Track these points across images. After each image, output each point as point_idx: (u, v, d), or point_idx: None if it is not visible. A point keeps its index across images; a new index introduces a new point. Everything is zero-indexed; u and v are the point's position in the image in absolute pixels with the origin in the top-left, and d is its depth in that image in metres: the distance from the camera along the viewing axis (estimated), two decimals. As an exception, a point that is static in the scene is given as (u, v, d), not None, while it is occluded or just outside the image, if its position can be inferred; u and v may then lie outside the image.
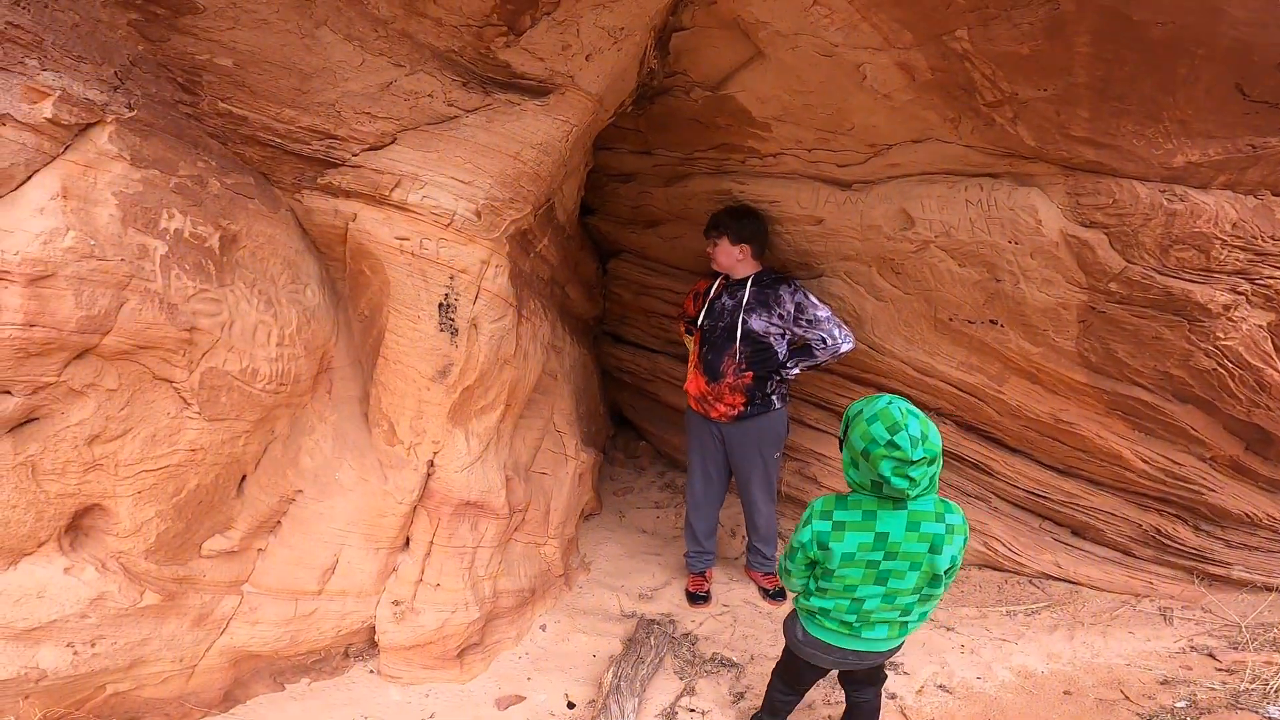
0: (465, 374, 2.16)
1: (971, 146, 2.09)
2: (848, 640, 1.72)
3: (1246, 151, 1.75)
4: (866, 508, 1.60)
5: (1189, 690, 2.17)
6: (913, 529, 1.58)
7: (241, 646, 2.11)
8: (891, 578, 1.62)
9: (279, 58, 1.87)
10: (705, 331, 2.59)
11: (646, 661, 2.49)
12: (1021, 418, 2.49)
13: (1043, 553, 2.69)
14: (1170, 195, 1.86)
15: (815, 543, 1.64)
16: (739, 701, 2.35)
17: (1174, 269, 1.94)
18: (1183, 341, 2.05)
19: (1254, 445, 2.32)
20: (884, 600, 1.65)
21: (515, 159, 2.12)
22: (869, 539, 1.60)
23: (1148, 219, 1.90)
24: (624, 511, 3.49)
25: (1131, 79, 1.71)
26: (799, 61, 2.08)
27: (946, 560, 1.59)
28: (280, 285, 1.93)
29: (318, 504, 2.13)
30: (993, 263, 2.19)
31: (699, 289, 2.73)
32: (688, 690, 2.41)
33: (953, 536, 1.60)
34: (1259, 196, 1.85)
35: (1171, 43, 1.61)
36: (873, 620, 1.67)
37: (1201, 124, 1.74)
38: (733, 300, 2.56)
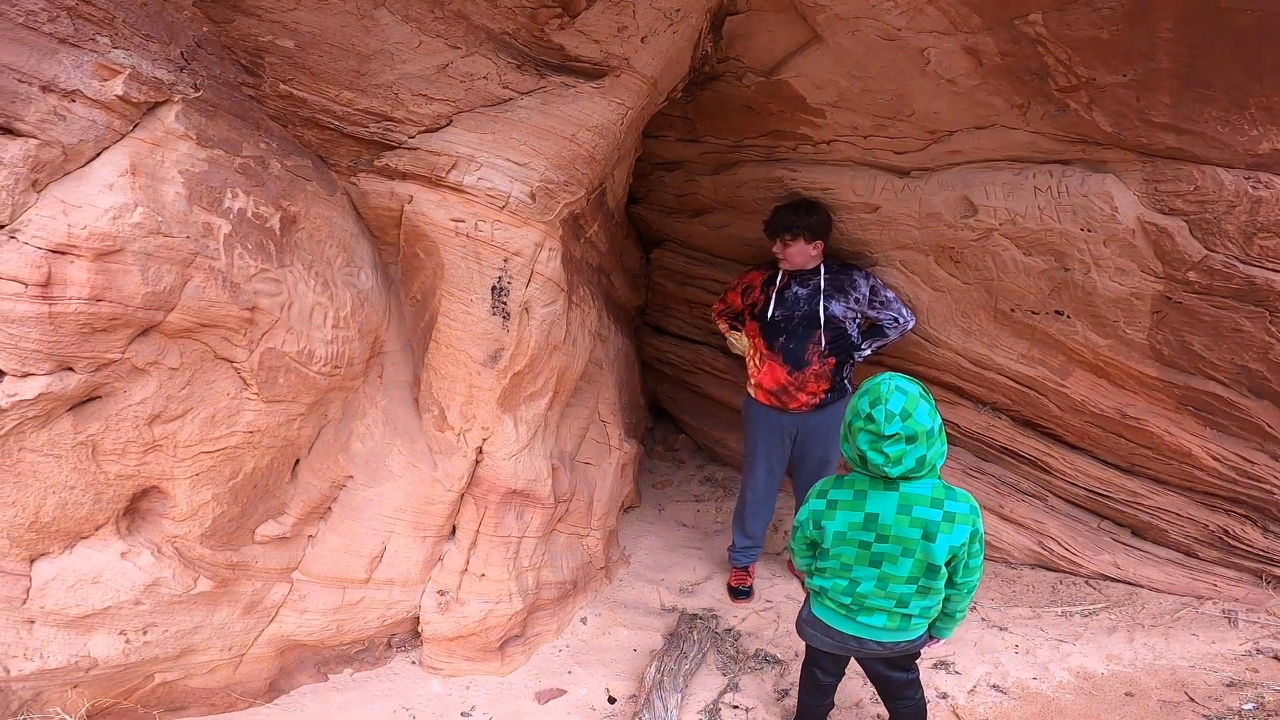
0: (516, 359, 2.14)
1: (1040, 133, 2.04)
2: (845, 623, 1.71)
3: (1339, 136, 1.70)
4: (858, 487, 1.62)
5: (1256, 693, 2.10)
6: (904, 512, 1.57)
7: (289, 635, 2.09)
8: (885, 561, 1.61)
9: (338, 39, 1.85)
10: (778, 322, 2.53)
11: (689, 657, 2.45)
12: (1085, 413, 2.42)
13: (1101, 553, 2.62)
14: (1255, 182, 1.80)
15: (811, 521, 1.69)
16: (783, 699, 2.31)
17: (1257, 258, 1.88)
18: (1263, 333, 1.99)
19: (1333, 443, 2.25)
20: (878, 585, 1.64)
21: (570, 141, 2.08)
22: (858, 519, 1.61)
23: (1231, 206, 1.84)
24: (663, 505, 3.45)
25: (1217, 66, 1.66)
26: (858, 46, 2.04)
27: (943, 551, 1.55)
28: (336, 268, 1.91)
29: (368, 490, 2.10)
30: (1062, 251, 2.13)
31: (750, 281, 2.66)
32: (731, 687, 2.37)
33: (952, 526, 1.55)
34: (1352, 183, 1.79)
35: (1259, 29, 1.57)
36: (868, 605, 1.66)
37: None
38: (806, 289, 2.52)
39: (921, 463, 1.53)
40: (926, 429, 1.50)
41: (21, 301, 1.39)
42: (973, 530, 1.58)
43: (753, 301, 2.61)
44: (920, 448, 1.50)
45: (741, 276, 2.72)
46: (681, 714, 2.25)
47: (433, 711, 2.26)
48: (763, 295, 2.57)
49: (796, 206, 2.49)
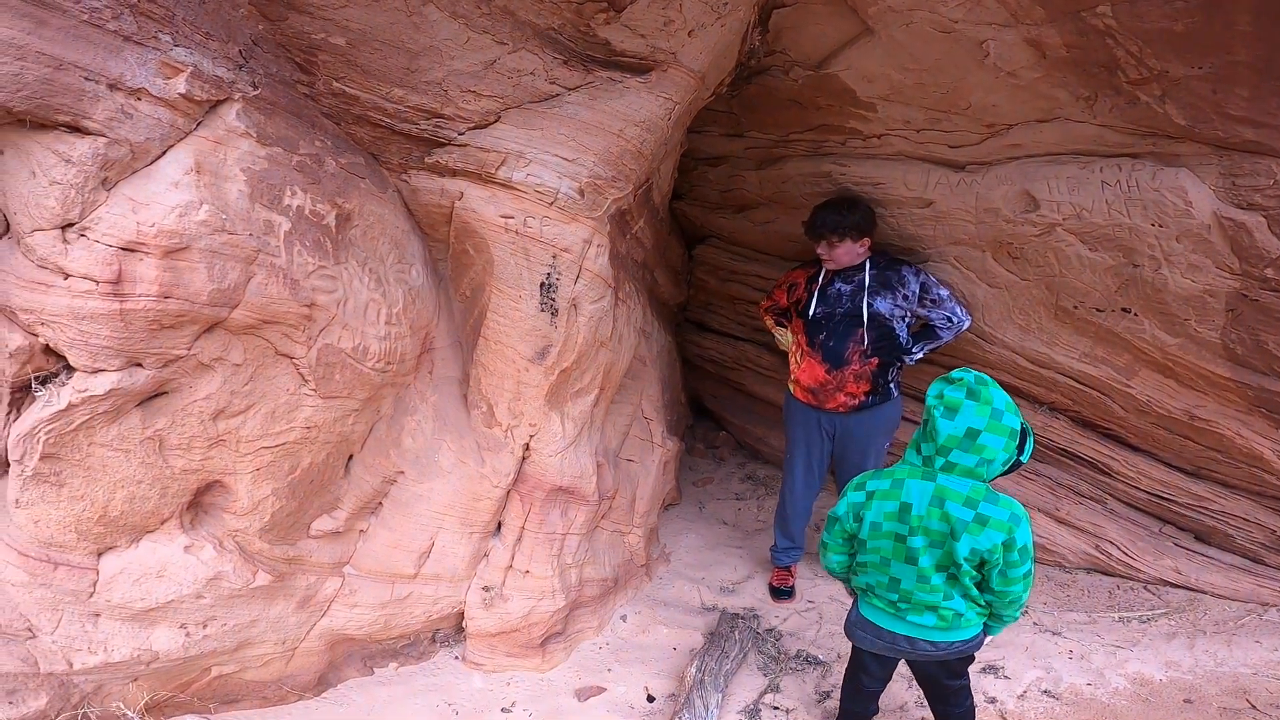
0: (564, 355, 2.13)
1: (1108, 126, 1.96)
2: (894, 622, 1.70)
3: None
4: (897, 476, 1.63)
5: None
6: (936, 504, 1.57)
7: (339, 629, 2.11)
8: (920, 555, 1.60)
9: (388, 36, 1.85)
10: (820, 320, 2.49)
11: (730, 656, 2.43)
12: (1150, 414, 2.34)
13: (1162, 558, 2.54)
14: (1342, 174, 1.73)
15: (851, 514, 1.69)
16: (824, 701, 2.28)
17: (1344, 254, 1.80)
18: (1346, 333, 1.91)
19: None
20: (919, 581, 1.63)
21: (618, 137, 2.06)
22: (894, 508, 1.61)
23: (1316, 200, 1.77)
24: (704, 502, 3.43)
25: (1297, 58, 1.59)
26: (912, 39, 1.98)
27: (965, 549, 1.54)
28: (388, 264, 1.92)
29: (417, 485, 2.11)
30: (1130, 247, 2.06)
31: (795, 279, 2.62)
32: (771, 687, 2.35)
33: (982, 529, 1.53)
34: None
35: None
36: (914, 601, 1.65)
37: (1379, 99, 1.61)
38: (850, 285, 2.46)
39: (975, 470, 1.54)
40: (987, 427, 1.51)
41: (93, 299, 1.41)
42: (1007, 539, 1.52)
43: (797, 299, 2.57)
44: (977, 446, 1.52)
45: (787, 274, 2.68)
46: (722, 714, 2.23)
47: (474, 707, 2.27)
48: (806, 292, 2.53)
49: (838, 204, 2.42)
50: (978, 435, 1.50)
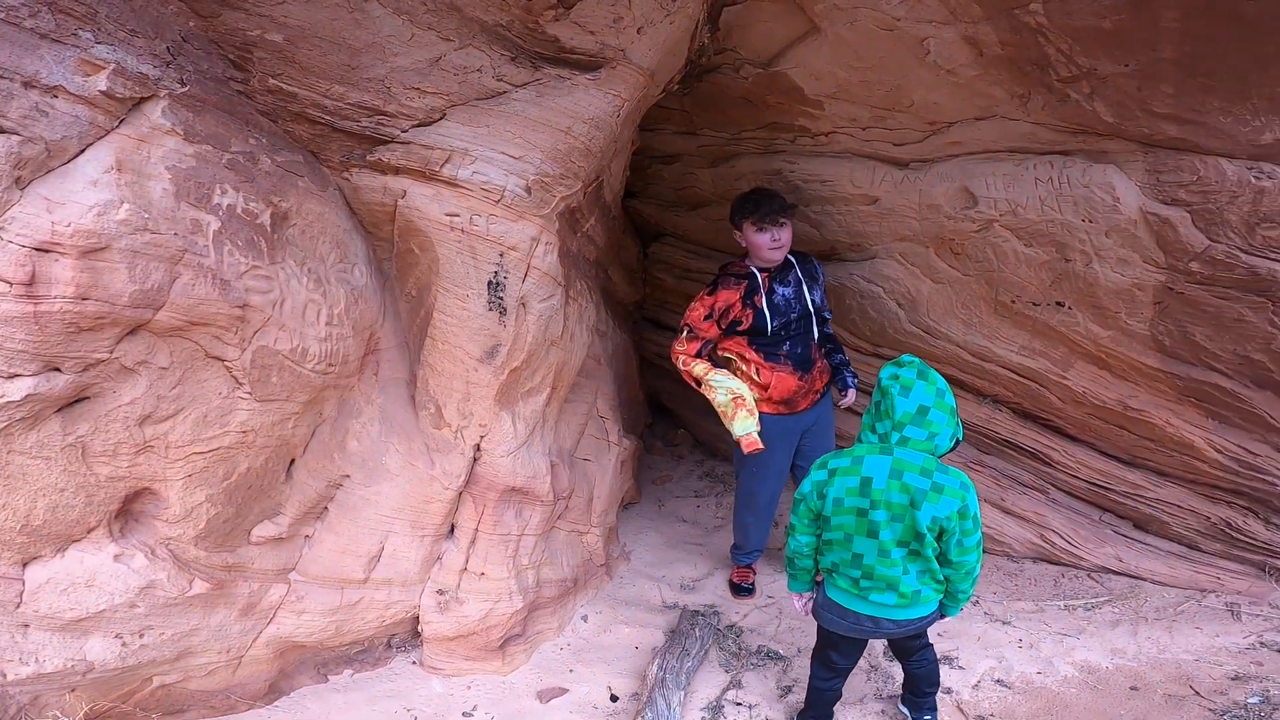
0: (513, 355, 2.12)
1: (1041, 123, 2.01)
2: (858, 603, 1.77)
3: (1343, 125, 1.68)
4: (856, 454, 1.71)
5: (1262, 686, 2.10)
6: (895, 476, 1.65)
7: (287, 637, 2.07)
8: (881, 529, 1.67)
9: (328, 33, 1.82)
10: (779, 330, 2.36)
11: (692, 654, 2.44)
12: (1086, 405, 2.41)
13: (1103, 546, 2.62)
14: (1258, 172, 1.79)
15: (815, 492, 1.75)
16: (786, 695, 2.30)
17: (1260, 248, 1.87)
18: (1266, 324, 1.98)
19: (1336, 434, 2.24)
20: (880, 555, 1.70)
21: (566, 134, 2.06)
22: (855, 483, 1.68)
23: (1234, 196, 1.83)
24: (663, 500, 3.44)
25: (1220, 55, 1.65)
26: (857, 36, 2.01)
27: (927, 519, 1.63)
28: (329, 264, 1.89)
29: (365, 489, 2.08)
30: (1063, 242, 2.11)
31: (726, 302, 2.34)
32: (734, 683, 2.36)
33: (939, 497, 1.63)
34: (1356, 172, 1.78)
35: (1264, 19, 1.55)
36: (876, 577, 1.71)
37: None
38: (789, 286, 2.40)
39: (929, 441, 1.65)
40: (932, 404, 1.63)
41: (5, 301, 1.37)
42: (961, 506, 1.63)
43: (734, 320, 2.36)
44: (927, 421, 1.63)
45: (704, 304, 2.36)
46: (684, 711, 2.24)
47: (434, 712, 2.25)
48: (749, 309, 2.33)
49: (764, 191, 2.36)
50: (928, 412, 1.62)
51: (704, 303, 2.38)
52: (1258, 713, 1.98)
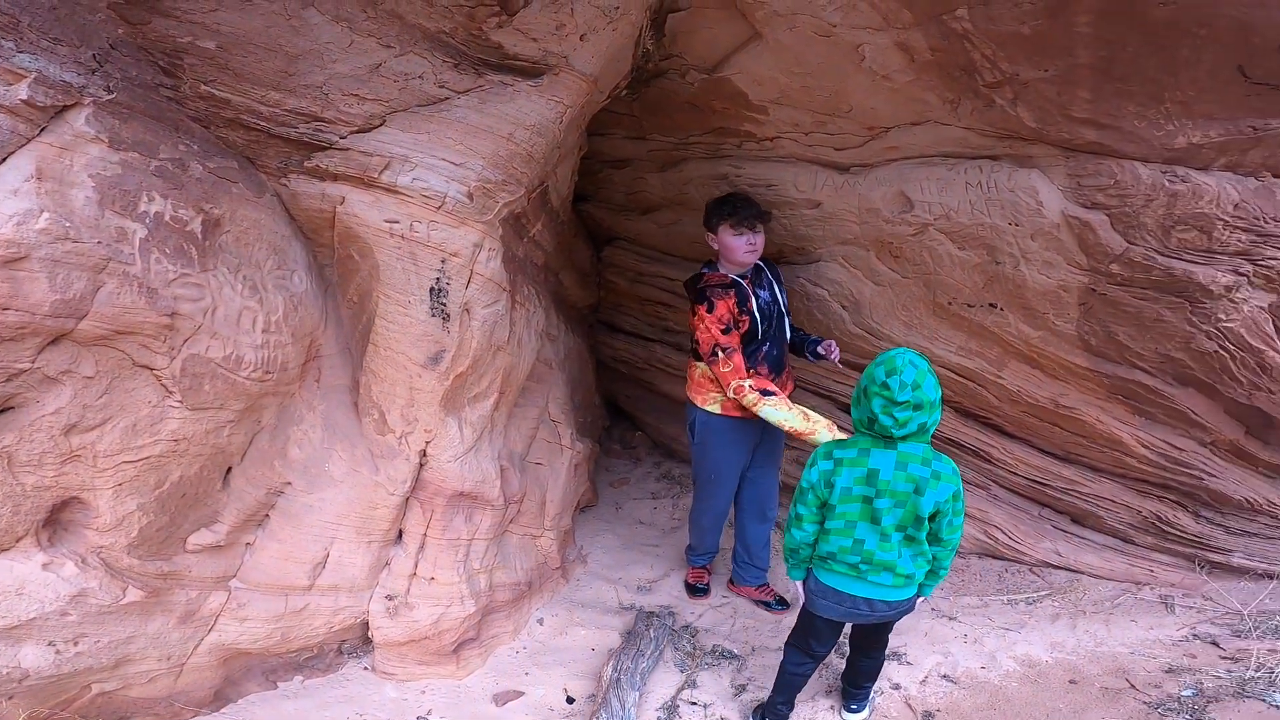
0: (458, 360, 2.12)
1: (971, 128, 2.06)
2: (856, 585, 1.83)
3: (1248, 133, 1.73)
4: (862, 446, 1.77)
5: (1195, 679, 2.15)
6: (900, 469, 1.74)
7: (231, 644, 2.06)
8: (883, 516, 1.76)
9: (264, 40, 1.82)
10: (765, 334, 2.38)
11: (646, 654, 2.46)
12: (1021, 403, 2.47)
13: (1043, 540, 2.67)
14: (1172, 176, 1.84)
15: (823, 481, 1.79)
16: (740, 694, 2.33)
17: (1176, 250, 1.93)
18: (1184, 324, 2.04)
19: (1255, 430, 2.30)
20: (881, 540, 1.78)
21: (508, 140, 2.07)
22: (862, 474, 1.76)
23: (1149, 200, 1.88)
24: (620, 503, 3.46)
25: (1134, 60, 1.69)
26: (796, 42, 2.05)
27: (929, 504, 1.73)
28: (266, 271, 1.88)
29: (307, 496, 2.08)
30: (993, 245, 2.16)
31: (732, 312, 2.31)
32: (689, 683, 2.38)
33: (938, 483, 1.73)
34: (1260, 178, 1.84)
35: (1174, 23, 1.59)
36: (875, 562, 1.79)
37: (1203, 105, 1.72)
38: (766, 290, 2.41)
39: (923, 428, 1.72)
40: (931, 400, 1.69)
41: (-78, 311, 1.36)
42: (955, 490, 1.75)
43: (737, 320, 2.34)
44: (924, 415, 1.69)
45: (714, 321, 2.29)
46: (640, 712, 2.26)
47: (387, 717, 2.25)
48: (746, 315, 2.34)
49: (739, 196, 2.40)
50: (924, 404, 1.69)
51: (712, 320, 2.30)
52: (1191, 705, 2.03)
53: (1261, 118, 1.71)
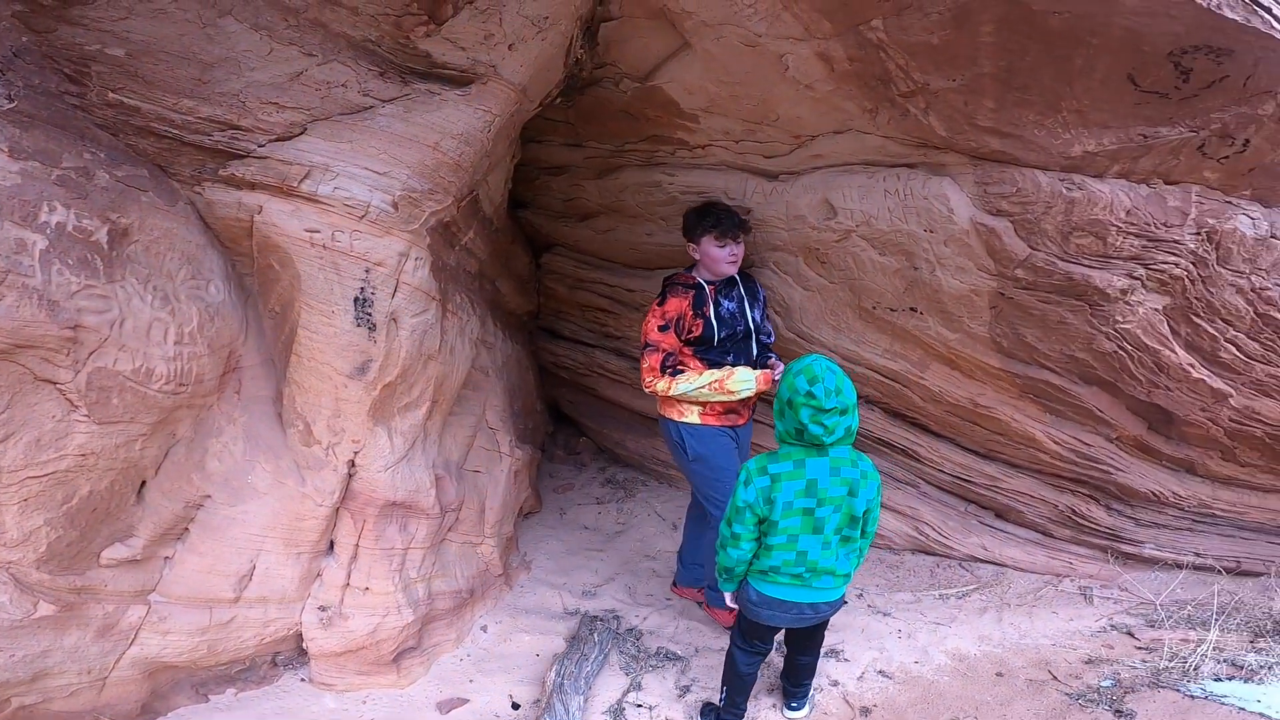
0: (385, 370, 2.12)
1: (889, 137, 2.12)
2: (801, 592, 1.85)
3: (1138, 141, 1.81)
4: (795, 458, 1.77)
5: (1113, 669, 2.23)
6: (834, 474, 1.77)
7: (154, 658, 2.03)
8: (826, 524, 1.79)
9: (177, 48, 1.80)
10: (725, 341, 2.34)
11: (591, 658, 2.47)
12: (943, 403, 2.54)
13: (970, 535, 2.75)
14: (1069, 184, 1.91)
15: (762, 499, 1.78)
16: (685, 695, 2.35)
17: (1074, 255, 2.00)
18: (1085, 325, 2.12)
19: (1156, 425, 2.41)
20: (823, 549, 1.81)
21: (434, 149, 2.08)
22: (801, 486, 1.76)
23: (1049, 207, 1.95)
24: (565, 509, 3.46)
25: (1032, 69, 1.75)
26: (724, 52, 2.09)
27: (863, 503, 1.78)
28: (179, 281, 1.86)
29: (229, 509, 2.05)
30: (910, 251, 2.23)
31: (679, 312, 2.30)
32: (634, 686, 2.40)
33: (866, 482, 1.80)
34: (1151, 185, 1.92)
35: (1068, 32, 1.65)
36: (819, 569, 1.82)
37: (1097, 114, 1.79)
38: (733, 301, 2.37)
39: (849, 432, 1.76)
40: (853, 403, 1.74)
41: None
42: (879, 484, 1.84)
43: (686, 327, 2.31)
44: (849, 419, 1.74)
45: (656, 315, 2.31)
46: (585, 716, 2.26)
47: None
48: (699, 318, 2.30)
49: (720, 206, 2.36)
50: (847, 408, 1.73)
51: (655, 314, 2.33)
52: (1109, 696, 2.10)
53: (1151, 126, 1.79)
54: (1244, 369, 2.15)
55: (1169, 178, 1.90)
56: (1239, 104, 1.71)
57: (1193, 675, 2.11)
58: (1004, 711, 2.13)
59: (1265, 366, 2.13)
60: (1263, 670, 2.09)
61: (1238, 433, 2.31)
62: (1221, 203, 1.91)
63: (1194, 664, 2.14)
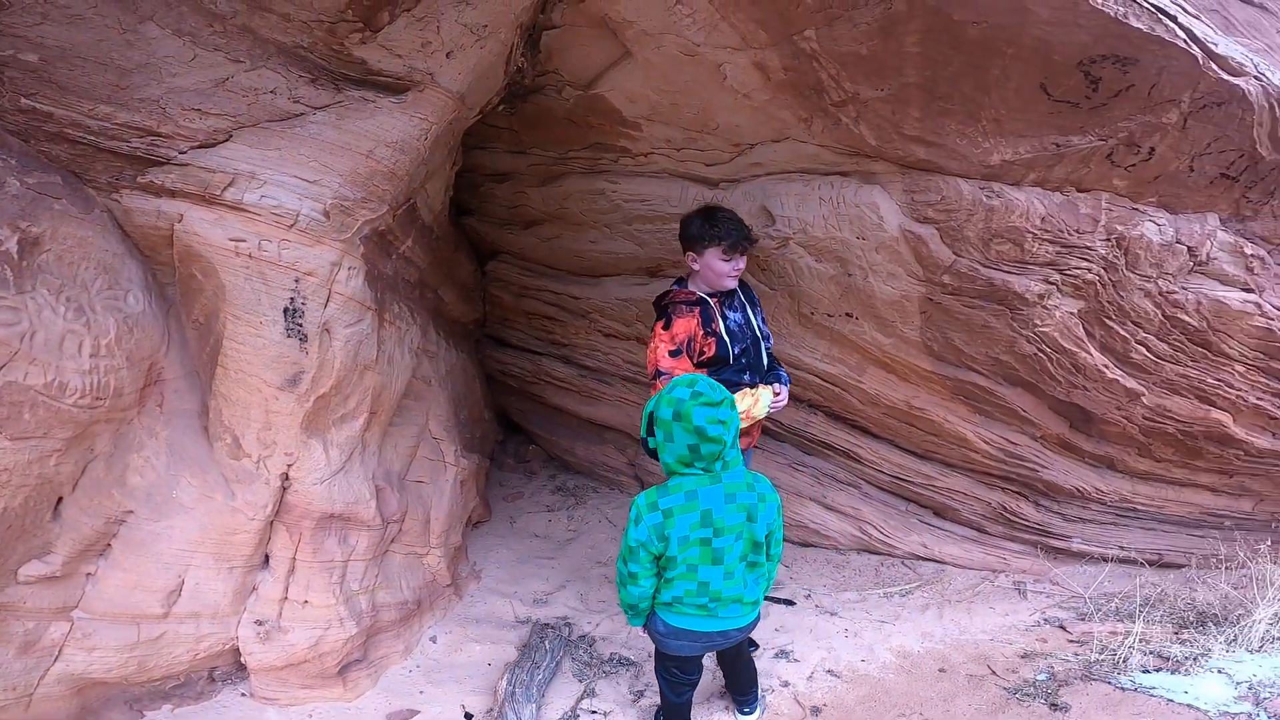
0: (319, 381, 2.08)
1: (824, 146, 2.16)
2: (708, 622, 1.79)
3: (1052, 150, 1.88)
4: (688, 489, 1.69)
5: (1047, 663, 2.29)
6: (730, 500, 1.69)
7: (81, 674, 1.97)
8: (726, 554, 1.72)
9: (94, 54, 1.75)
10: (739, 358, 2.16)
11: (542, 666, 2.46)
12: (881, 405, 2.59)
13: (911, 534, 2.81)
14: (989, 192, 1.97)
15: (655, 536, 1.70)
16: (639, 700, 2.35)
17: (995, 261, 2.07)
18: (1007, 329, 2.18)
19: (1077, 424, 2.49)
20: (726, 578, 1.74)
21: (368, 157, 2.05)
22: (695, 518, 1.69)
23: (970, 215, 2.01)
24: (515, 517, 3.44)
25: (954, 79, 1.80)
26: (664, 61, 2.11)
27: (763, 527, 1.74)
28: (94, 292, 1.80)
29: (153, 524, 2.00)
30: (844, 258, 2.27)
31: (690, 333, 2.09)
32: (588, 692, 2.39)
33: (764, 505, 1.74)
34: (1064, 193, 1.99)
35: (986, 42, 1.70)
36: (724, 599, 1.76)
37: (1013, 123, 1.85)
38: (738, 311, 2.19)
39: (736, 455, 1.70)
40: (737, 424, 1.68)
41: None
42: (778, 504, 1.79)
43: (699, 350, 2.11)
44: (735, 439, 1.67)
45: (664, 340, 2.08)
46: None
47: (271, 743, 2.17)
48: (710, 336, 2.11)
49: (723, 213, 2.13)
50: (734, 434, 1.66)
51: (663, 339, 2.08)
52: (1045, 689, 2.14)
53: (1063, 134, 1.85)
54: (1154, 369, 2.24)
55: (1081, 185, 1.97)
56: (1144, 113, 1.78)
57: (1122, 667, 2.18)
58: (947, 707, 2.18)
59: (1174, 366, 2.22)
60: (1188, 661, 2.17)
61: (1152, 430, 2.41)
62: (1129, 210, 1.99)
63: (1123, 656, 2.21)
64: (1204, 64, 1.68)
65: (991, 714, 2.11)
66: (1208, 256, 2.04)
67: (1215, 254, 2.05)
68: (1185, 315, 2.11)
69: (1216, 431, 2.36)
